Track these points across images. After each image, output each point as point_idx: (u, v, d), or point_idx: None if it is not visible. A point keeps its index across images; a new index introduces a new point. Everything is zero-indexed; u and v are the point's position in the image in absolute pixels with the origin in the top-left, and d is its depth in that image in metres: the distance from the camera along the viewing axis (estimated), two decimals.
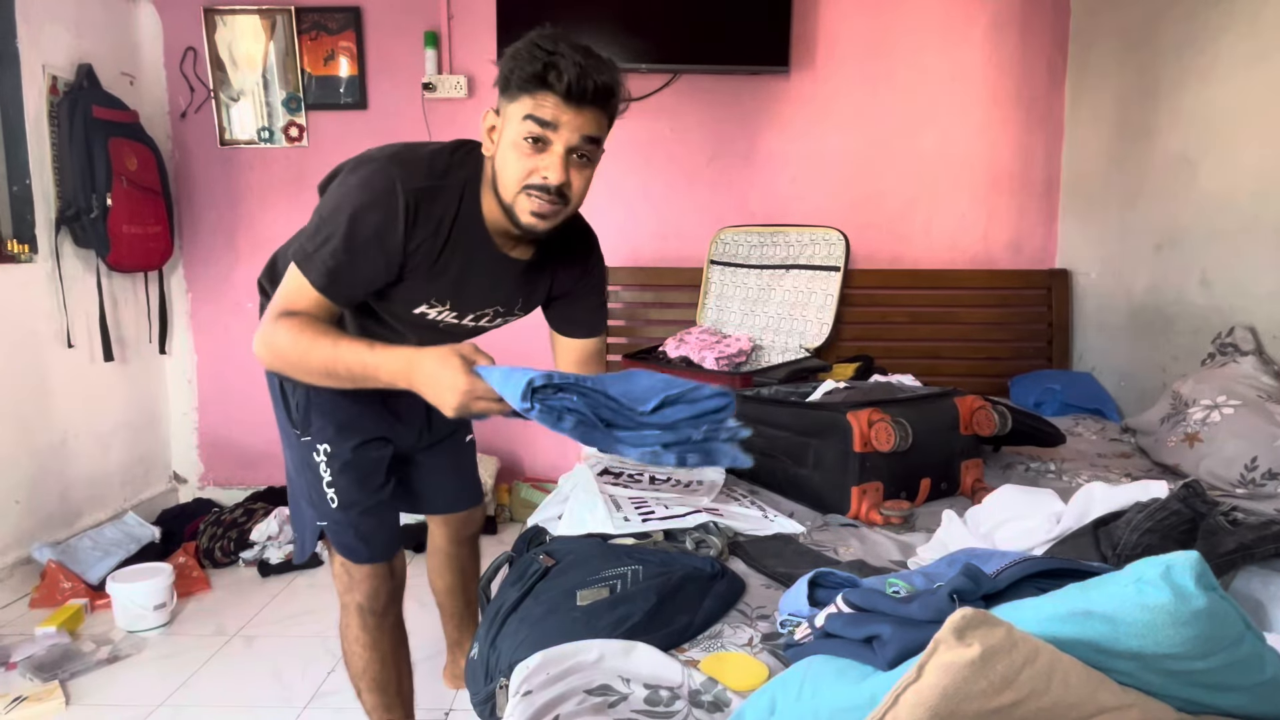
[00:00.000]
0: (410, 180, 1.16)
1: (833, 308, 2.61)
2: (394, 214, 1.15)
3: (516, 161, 1.14)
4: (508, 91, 1.13)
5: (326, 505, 1.39)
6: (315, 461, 1.37)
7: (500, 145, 1.16)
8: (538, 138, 1.12)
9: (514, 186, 1.15)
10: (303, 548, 1.47)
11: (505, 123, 1.15)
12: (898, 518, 1.46)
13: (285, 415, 1.41)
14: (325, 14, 2.93)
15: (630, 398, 1.04)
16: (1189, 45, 2.24)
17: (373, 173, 1.16)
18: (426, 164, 1.19)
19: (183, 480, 3.18)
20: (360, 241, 1.15)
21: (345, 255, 1.15)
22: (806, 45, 2.93)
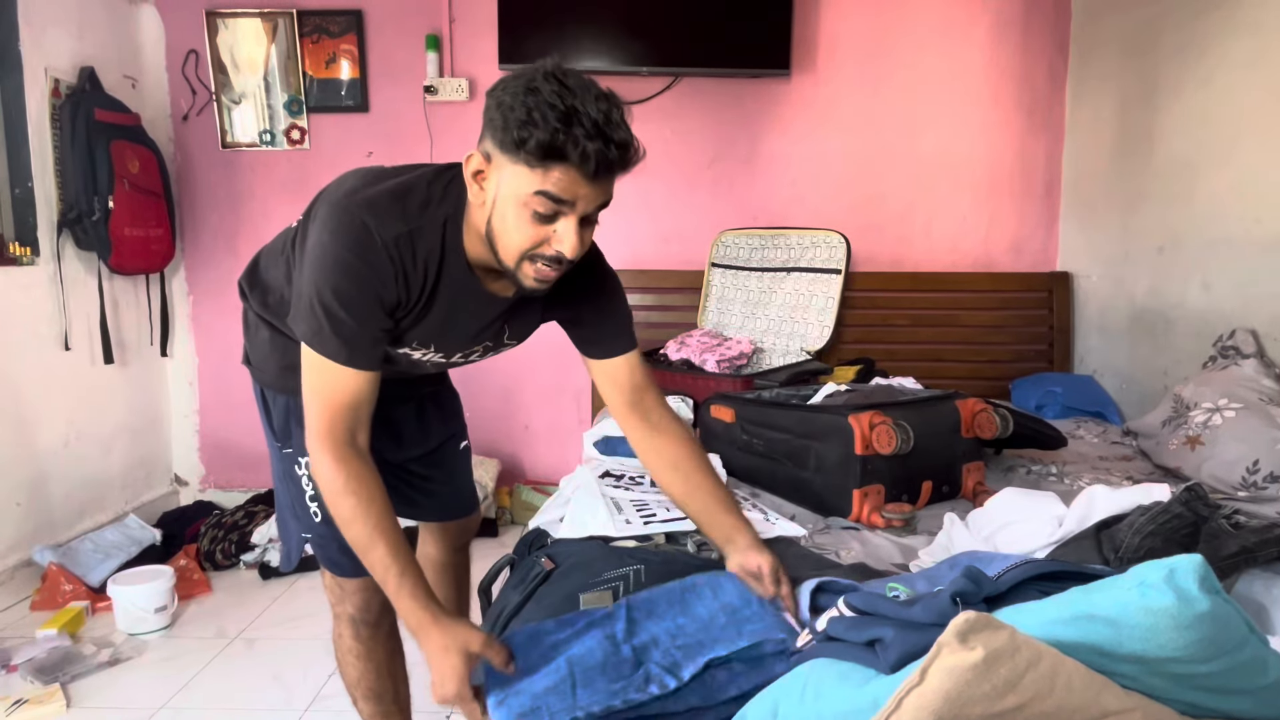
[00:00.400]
0: (386, 228, 1.05)
1: (834, 310, 2.61)
2: (381, 267, 1.05)
3: (522, 229, 1.01)
4: (512, 152, 0.97)
5: (310, 519, 1.33)
6: (297, 475, 1.32)
7: (497, 203, 1.02)
8: (551, 214, 1.00)
9: (517, 254, 1.04)
10: (288, 557, 1.44)
11: (504, 180, 1.00)
12: (899, 520, 1.46)
13: (267, 425, 1.37)
14: (327, 17, 2.94)
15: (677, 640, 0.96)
16: (1190, 49, 2.24)
17: (347, 227, 1.04)
18: (401, 205, 1.07)
19: (184, 483, 3.18)
20: (359, 304, 1.05)
21: (352, 322, 1.05)
22: (807, 48, 2.94)
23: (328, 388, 1.05)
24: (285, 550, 1.44)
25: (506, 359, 2.87)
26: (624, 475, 1.71)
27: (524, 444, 3.18)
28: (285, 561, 1.46)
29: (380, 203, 1.06)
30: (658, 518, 1.42)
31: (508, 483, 3.12)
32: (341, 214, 1.05)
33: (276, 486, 1.42)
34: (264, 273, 1.31)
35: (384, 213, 1.05)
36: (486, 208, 1.04)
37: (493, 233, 1.04)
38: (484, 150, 1.02)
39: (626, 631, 0.99)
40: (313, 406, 1.06)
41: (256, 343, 1.33)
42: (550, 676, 0.92)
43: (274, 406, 1.34)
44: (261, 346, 1.32)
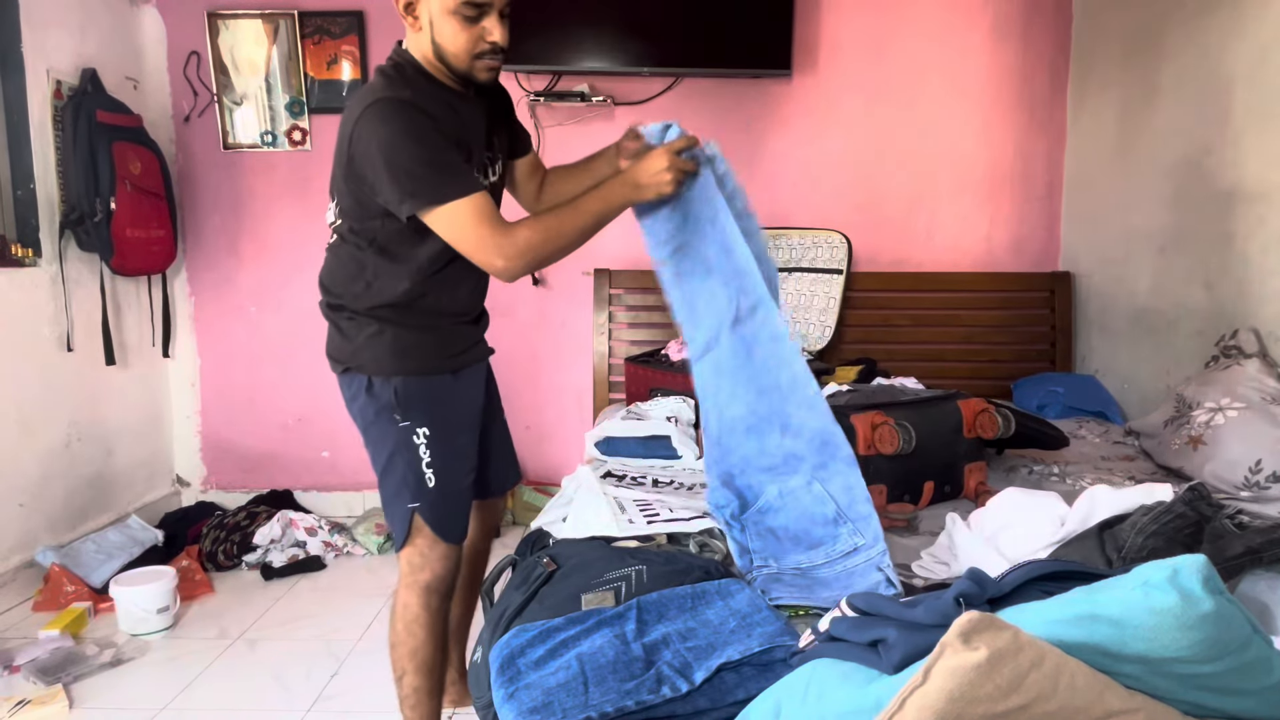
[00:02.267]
0: (404, 96, 1.31)
1: (835, 310, 2.61)
2: (422, 113, 1.30)
3: (459, 33, 1.31)
4: None
5: (424, 486, 1.45)
6: (415, 444, 1.44)
7: (434, 24, 1.32)
8: (477, 15, 1.30)
9: (465, 57, 1.34)
10: (398, 536, 1.51)
11: (432, 2, 1.30)
12: (902, 521, 1.46)
13: (374, 408, 1.45)
14: (328, 18, 2.94)
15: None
16: (1191, 50, 2.24)
17: (387, 115, 1.29)
18: (394, 86, 1.33)
19: (185, 483, 3.18)
20: (440, 143, 1.29)
21: (443, 154, 1.29)
22: (809, 49, 2.94)
23: (479, 219, 1.29)
24: (396, 535, 1.50)
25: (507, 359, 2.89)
26: (626, 475, 1.71)
27: (525, 444, 3.17)
28: (397, 543, 1.51)
29: (389, 88, 1.33)
30: (660, 517, 1.42)
31: None
32: (375, 113, 1.29)
33: (385, 471, 1.48)
34: (343, 282, 1.46)
35: (393, 95, 1.31)
36: (426, 31, 1.34)
37: (439, 48, 1.34)
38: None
39: (637, 631, 0.99)
40: (481, 239, 1.29)
41: (361, 341, 1.45)
42: (561, 673, 0.92)
43: (383, 392, 1.44)
44: (370, 341, 1.44)
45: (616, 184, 1.36)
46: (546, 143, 2.97)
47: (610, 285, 2.97)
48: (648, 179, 1.34)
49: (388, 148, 1.27)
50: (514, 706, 0.89)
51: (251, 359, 3.12)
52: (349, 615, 2.34)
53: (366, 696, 1.91)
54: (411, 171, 1.27)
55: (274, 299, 3.08)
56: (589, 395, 3.04)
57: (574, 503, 1.53)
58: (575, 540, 1.35)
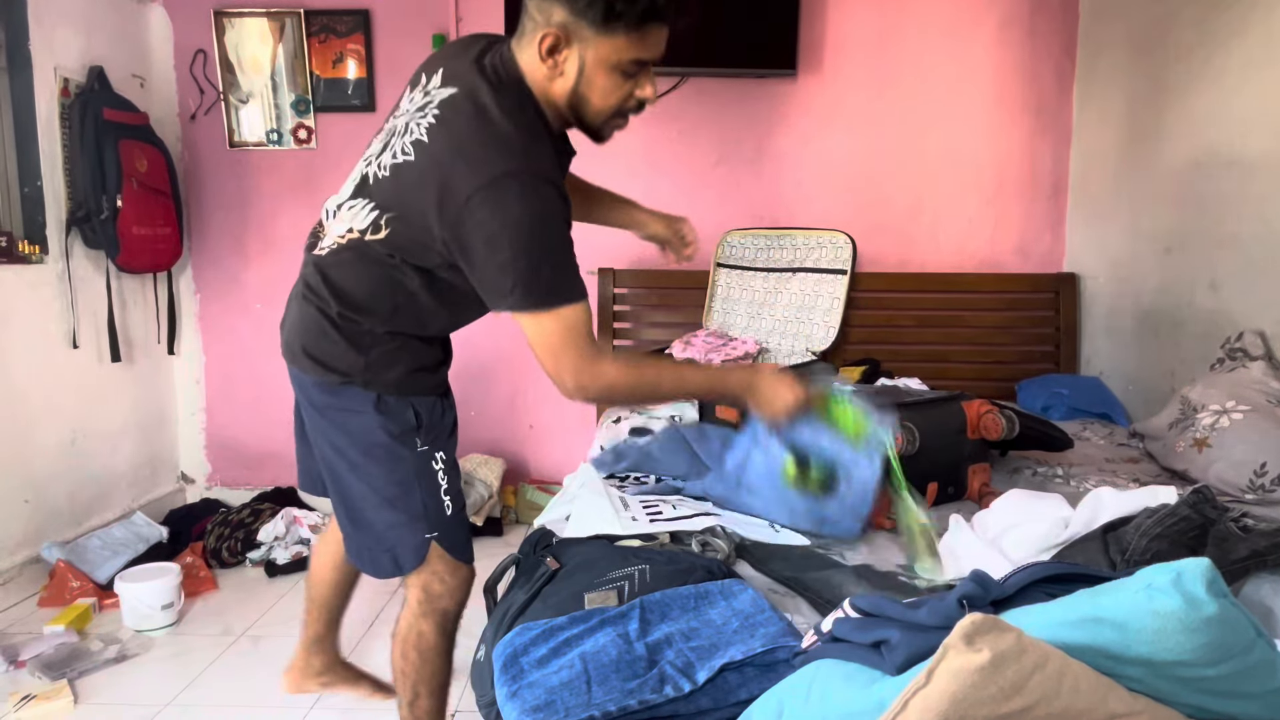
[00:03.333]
0: (544, 171, 1.15)
1: (839, 311, 2.61)
2: (561, 198, 1.17)
3: (615, 91, 1.17)
4: (601, 25, 1.10)
5: (441, 513, 1.37)
6: (433, 470, 1.36)
7: (584, 74, 1.15)
8: (640, 66, 1.16)
9: (608, 113, 1.19)
10: (396, 564, 1.38)
11: (590, 52, 1.13)
12: None
13: (387, 429, 1.33)
14: (334, 16, 2.95)
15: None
16: (1199, 50, 2.23)
17: (525, 185, 1.12)
18: (534, 147, 1.16)
19: (190, 480, 3.19)
20: (562, 233, 1.17)
21: (565, 252, 1.16)
22: (813, 49, 2.93)
23: (575, 332, 1.16)
24: (390, 560, 1.38)
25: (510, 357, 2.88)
26: (629, 477, 1.71)
27: (528, 443, 3.18)
28: (391, 570, 1.40)
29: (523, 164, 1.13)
30: (663, 515, 1.43)
31: (512, 482, 3.12)
32: (513, 189, 1.11)
33: (393, 496, 1.35)
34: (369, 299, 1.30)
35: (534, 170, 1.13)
36: (569, 80, 1.16)
37: (580, 100, 1.18)
38: (559, 25, 1.11)
39: (640, 631, 0.99)
40: (563, 355, 1.17)
41: (376, 355, 1.32)
42: (564, 672, 0.92)
43: (401, 413, 1.33)
44: (387, 358, 1.32)
45: (738, 379, 1.26)
46: None
47: (614, 284, 2.97)
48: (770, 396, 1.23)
49: (515, 236, 1.11)
50: (517, 705, 0.89)
51: (256, 356, 3.12)
52: (352, 613, 2.33)
53: None
54: (533, 270, 1.12)
55: (279, 296, 3.06)
56: None
57: (576, 500, 1.53)
58: (578, 539, 1.36)
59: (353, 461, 1.36)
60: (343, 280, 1.31)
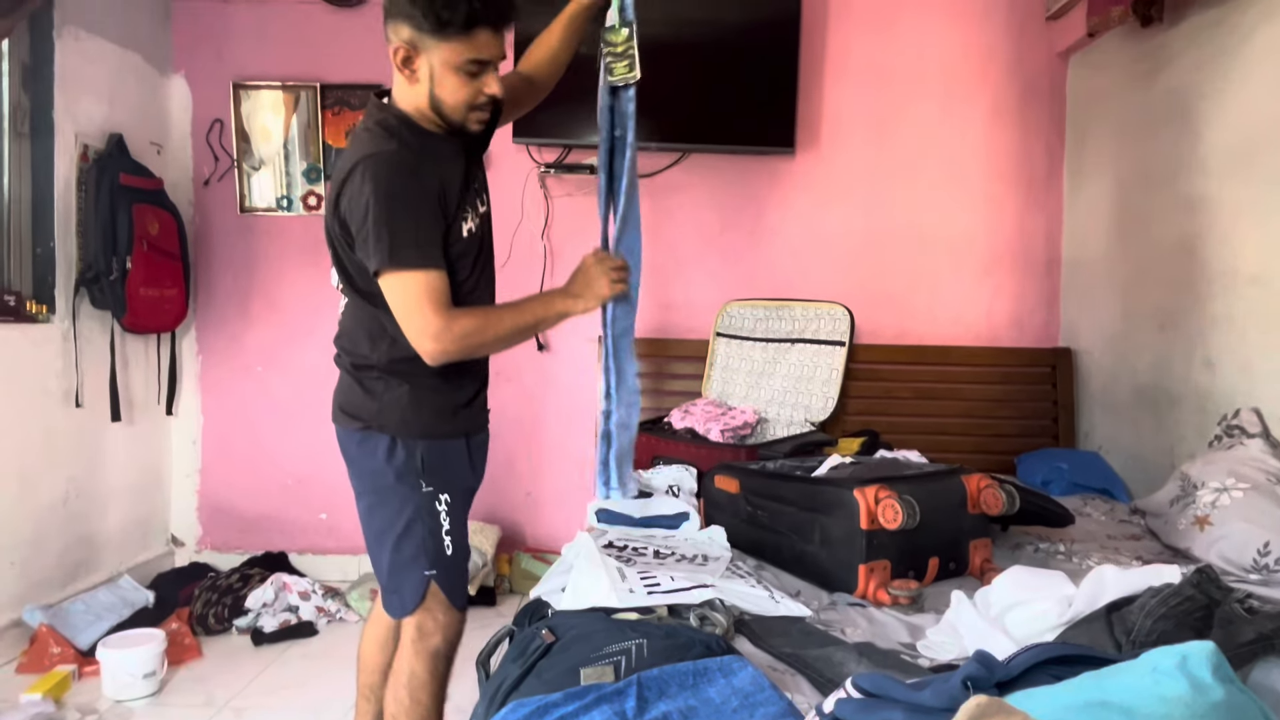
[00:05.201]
0: (399, 148, 1.36)
1: (838, 382, 2.62)
2: (406, 167, 1.34)
3: (459, 89, 1.36)
4: (437, 33, 1.31)
5: (442, 553, 1.46)
6: (437, 510, 1.46)
7: (434, 77, 1.36)
8: (478, 71, 1.36)
9: (462, 110, 1.39)
10: (402, 605, 1.50)
11: (434, 57, 1.34)
12: (906, 598, 1.43)
13: (396, 471, 1.45)
14: (348, 90, 3.05)
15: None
16: (1184, 137, 2.31)
17: (372, 164, 1.33)
18: (384, 138, 1.37)
19: (180, 543, 3.15)
20: (413, 200, 1.33)
21: (417, 217, 1.33)
22: (811, 127, 3.03)
23: (425, 296, 1.32)
24: (399, 601, 1.50)
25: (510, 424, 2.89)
26: (627, 546, 1.69)
27: (525, 510, 3.15)
28: (399, 608, 1.51)
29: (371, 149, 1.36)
30: (661, 587, 1.40)
31: (507, 550, 3.08)
32: (362, 171, 1.33)
33: (402, 535, 1.47)
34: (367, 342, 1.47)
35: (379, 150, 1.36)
36: (424, 83, 1.37)
37: (438, 100, 1.38)
38: (405, 40, 1.34)
39: (637, 709, 0.97)
40: (419, 315, 1.33)
41: (388, 400, 1.46)
42: None
43: (407, 455, 1.45)
44: (397, 401, 1.46)
45: (558, 295, 1.50)
46: (555, 212, 3.04)
47: None
48: (585, 291, 1.51)
49: (372, 204, 1.31)
50: None
51: (255, 418, 3.12)
52: (339, 684, 2.27)
53: None
54: (388, 230, 1.31)
55: (281, 359, 3.11)
56: (591, 467, 3.03)
57: (573, 570, 1.51)
58: (575, 611, 1.33)
59: (369, 505, 1.50)
60: (348, 340, 1.51)
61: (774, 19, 2.88)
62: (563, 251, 3.05)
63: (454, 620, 1.50)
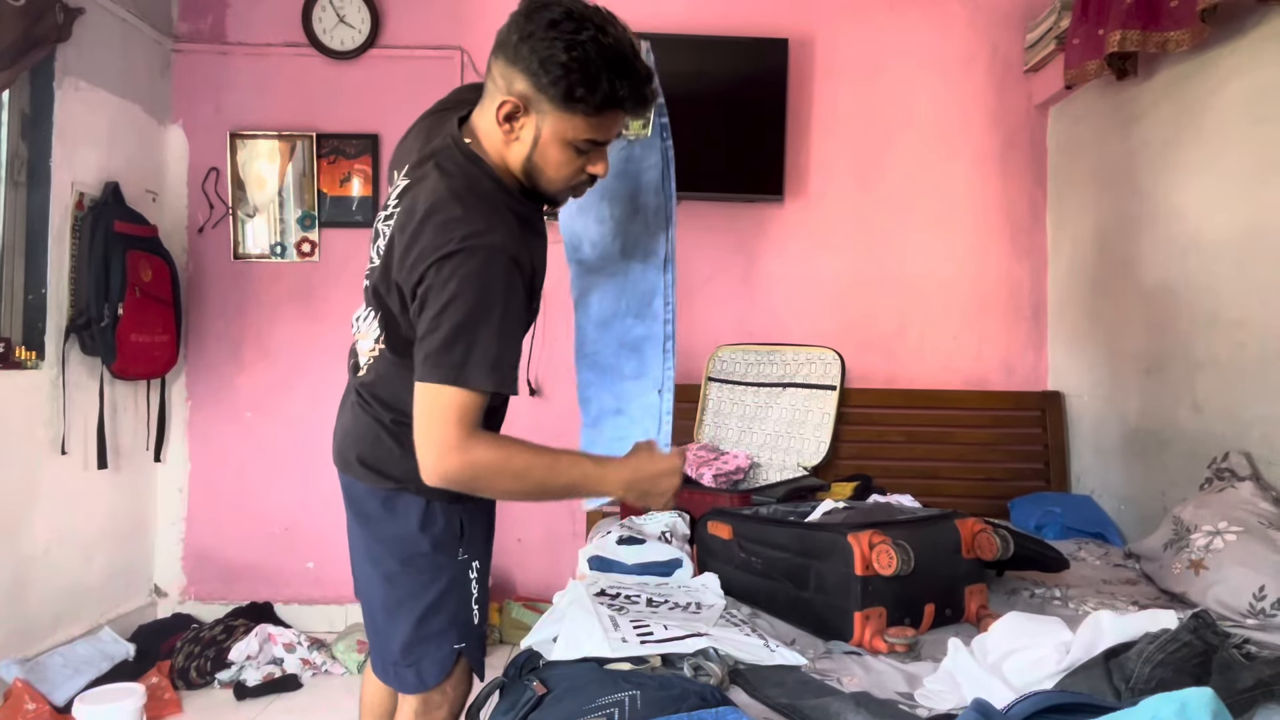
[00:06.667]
0: (508, 236, 1.16)
1: (830, 426, 2.62)
2: (517, 269, 1.16)
3: (564, 165, 1.19)
4: (561, 103, 1.12)
5: (470, 624, 1.36)
6: (469, 578, 1.36)
7: (539, 144, 1.17)
8: (594, 145, 1.18)
9: (561, 184, 1.22)
10: (420, 679, 1.36)
11: (548, 124, 1.15)
12: (903, 646, 1.42)
13: (431, 540, 1.32)
14: (344, 140, 3.10)
15: None
16: (1159, 185, 2.37)
17: (473, 257, 1.12)
18: (483, 209, 1.16)
19: (163, 593, 3.08)
20: (509, 311, 1.14)
21: (503, 340, 1.13)
22: (799, 175, 3.09)
23: (458, 412, 1.12)
24: (415, 675, 1.36)
25: None
26: (620, 594, 1.67)
27: (515, 558, 3.11)
28: (415, 685, 1.37)
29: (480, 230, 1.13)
30: (654, 636, 1.38)
31: (497, 599, 3.03)
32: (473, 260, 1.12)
33: (428, 606, 1.34)
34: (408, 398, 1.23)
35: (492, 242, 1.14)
36: (524, 147, 1.18)
37: (534, 169, 1.19)
38: (517, 95, 1.13)
39: None
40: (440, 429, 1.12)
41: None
42: None
43: (446, 520, 1.33)
44: None
45: (612, 473, 1.20)
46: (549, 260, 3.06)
47: None
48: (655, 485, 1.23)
49: (457, 305, 1.10)
50: None
51: (243, 465, 3.09)
52: None
53: None
54: (466, 345, 1.10)
55: (271, 405, 3.09)
56: (582, 508, 3.01)
57: (565, 619, 1.48)
58: (567, 662, 1.31)
59: (389, 573, 1.34)
60: (386, 393, 1.32)
61: (763, 71, 2.96)
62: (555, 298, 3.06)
63: (463, 694, 1.42)
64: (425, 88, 3.13)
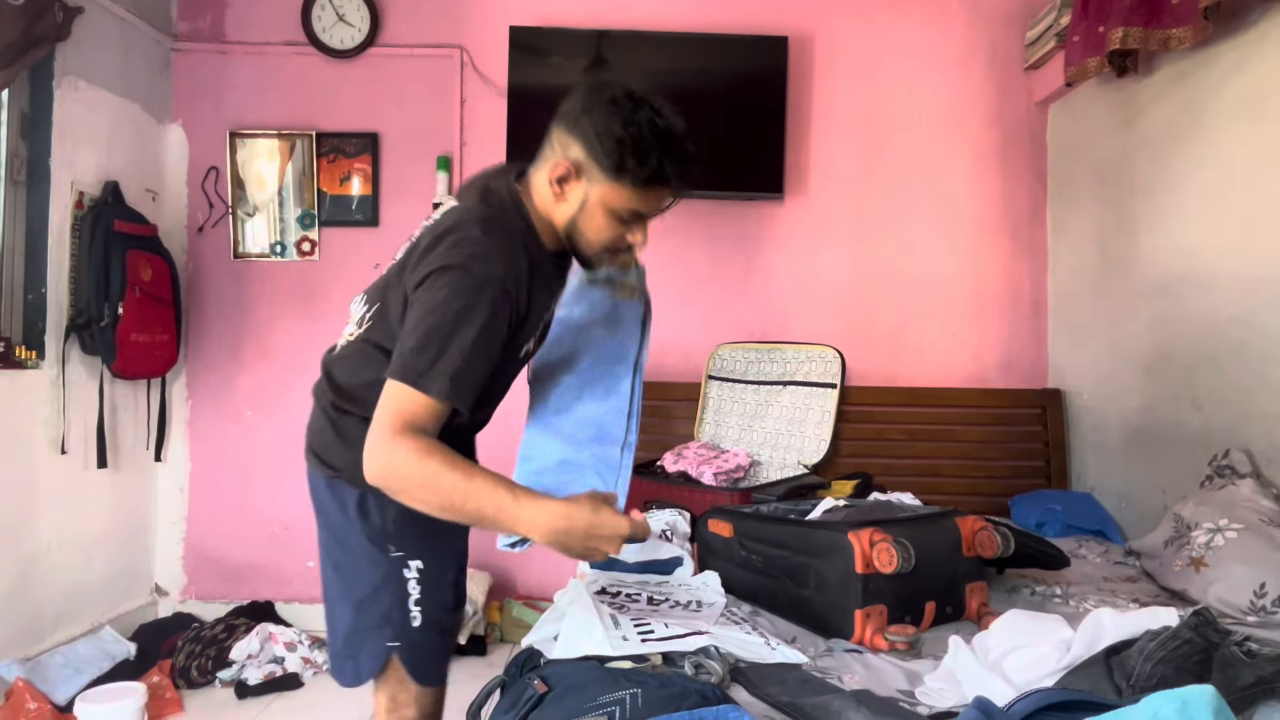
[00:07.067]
0: (510, 270, 1.18)
1: (830, 424, 2.62)
2: (505, 296, 1.18)
3: (606, 231, 1.25)
4: (613, 173, 1.19)
5: (406, 624, 1.34)
6: (405, 578, 1.34)
7: (585, 209, 1.23)
8: (638, 217, 1.25)
9: (598, 248, 1.28)
10: (357, 673, 1.38)
11: (596, 191, 1.22)
12: (904, 643, 1.42)
13: (365, 531, 1.33)
14: (344, 139, 3.10)
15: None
16: (1160, 182, 2.37)
17: (475, 274, 1.15)
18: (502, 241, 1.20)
19: (164, 593, 3.08)
20: (486, 335, 1.15)
21: (470, 358, 1.13)
22: (799, 173, 3.09)
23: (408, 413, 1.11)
24: (353, 667, 1.38)
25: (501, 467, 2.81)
26: (620, 592, 1.67)
27: (516, 557, 3.10)
28: (352, 677, 1.39)
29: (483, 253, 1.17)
30: (655, 635, 1.38)
31: (498, 597, 3.03)
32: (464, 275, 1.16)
33: (362, 598, 1.35)
34: (361, 386, 1.30)
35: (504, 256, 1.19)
36: (570, 208, 1.24)
37: (576, 230, 1.26)
38: (573, 160, 1.21)
39: None
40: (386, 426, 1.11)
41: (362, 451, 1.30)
42: None
43: (376, 515, 1.33)
44: None
45: (535, 514, 1.10)
46: None
47: None
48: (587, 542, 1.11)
49: (440, 311, 1.14)
50: None
51: (243, 464, 3.09)
52: None
53: None
54: (438, 350, 1.12)
55: (271, 404, 3.09)
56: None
57: (566, 618, 1.48)
58: (567, 660, 1.31)
59: (336, 561, 1.38)
60: (340, 373, 1.36)
61: (762, 69, 2.96)
62: None
63: (430, 691, 1.39)
64: (425, 86, 3.14)
